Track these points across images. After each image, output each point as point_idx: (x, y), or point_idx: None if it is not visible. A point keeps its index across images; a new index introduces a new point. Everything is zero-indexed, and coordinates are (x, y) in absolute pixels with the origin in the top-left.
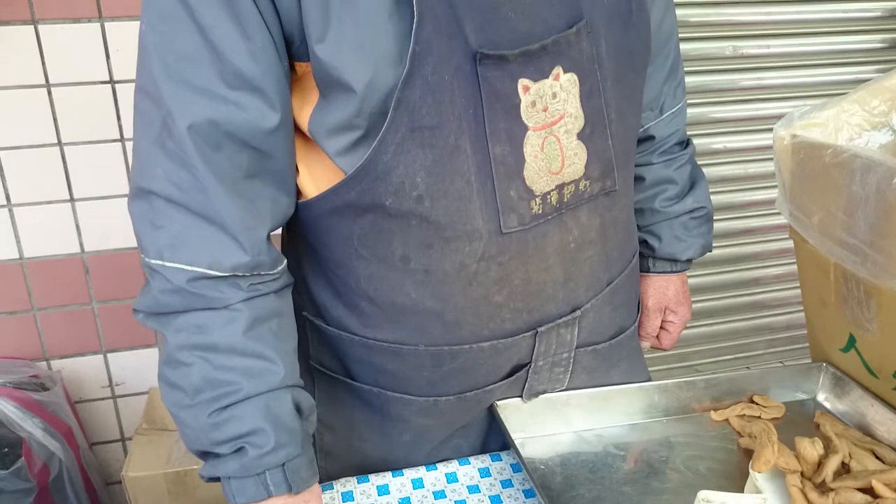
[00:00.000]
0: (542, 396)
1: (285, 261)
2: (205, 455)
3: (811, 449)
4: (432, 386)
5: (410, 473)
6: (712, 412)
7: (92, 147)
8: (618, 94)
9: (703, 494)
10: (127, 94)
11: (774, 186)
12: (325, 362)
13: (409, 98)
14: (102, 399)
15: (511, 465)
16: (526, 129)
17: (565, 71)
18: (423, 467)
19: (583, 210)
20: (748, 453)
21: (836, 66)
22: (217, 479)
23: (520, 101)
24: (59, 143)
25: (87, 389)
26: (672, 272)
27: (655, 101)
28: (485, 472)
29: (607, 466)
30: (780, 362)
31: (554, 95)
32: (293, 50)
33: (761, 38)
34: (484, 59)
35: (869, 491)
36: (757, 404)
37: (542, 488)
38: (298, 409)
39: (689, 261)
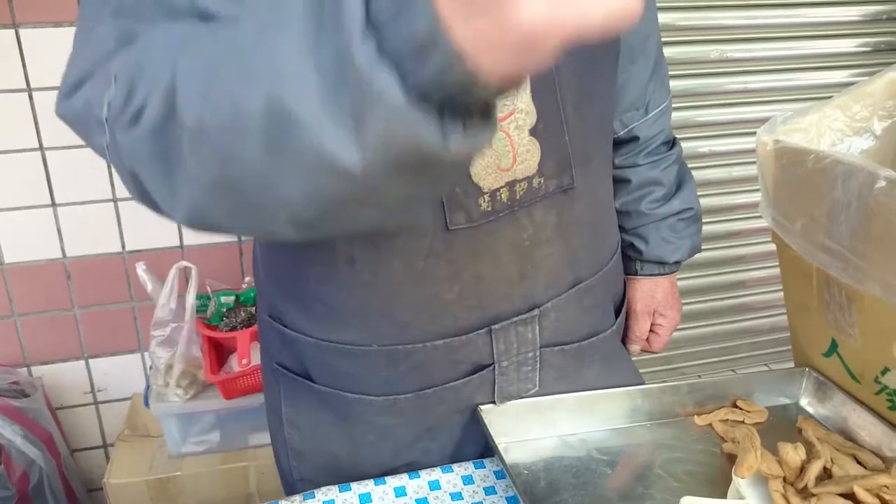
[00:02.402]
0: (525, 400)
1: None
2: (328, 30)
3: (794, 454)
4: (389, 385)
5: (393, 482)
6: (696, 417)
7: (73, 152)
8: (576, 89)
9: (686, 500)
10: None
11: (758, 189)
12: (287, 364)
13: None
14: (84, 405)
15: (494, 471)
16: None
17: None
18: (406, 475)
19: (538, 208)
20: (731, 458)
21: (820, 69)
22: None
23: None
24: (41, 148)
25: (69, 396)
26: (660, 275)
27: (640, 101)
28: (468, 480)
29: (591, 471)
30: (765, 365)
31: None
32: None
33: (746, 41)
34: None
35: (851, 496)
36: (740, 409)
37: (526, 494)
38: None
39: (677, 263)
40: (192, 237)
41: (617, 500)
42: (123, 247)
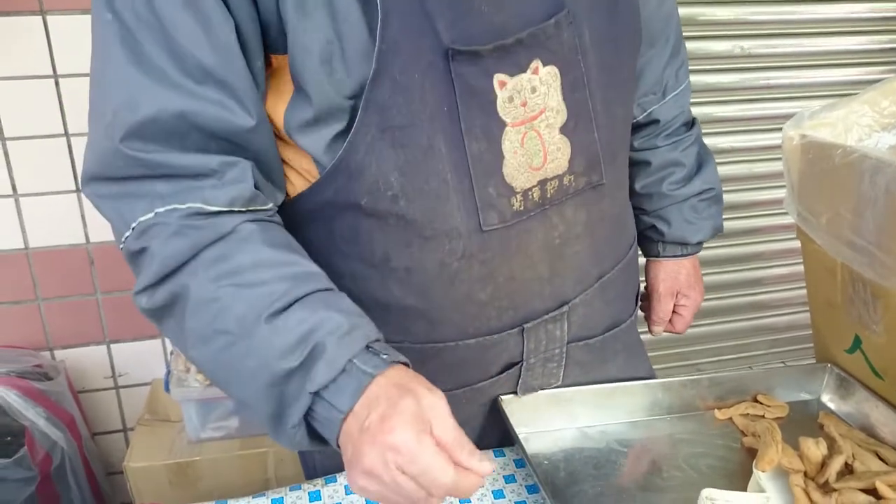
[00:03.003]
0: (545, 392)
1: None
2: (281, 409)
3: (815, 449)
4: None
5: None
6: (716, 411)
7: None
8: (603, 84)
9: (706, 493)
10: None
11: (779, 186)
12: None
13: (377, 98)
14: (105, 389)
15: (514, 460)
16: (504, 125)
17: (545, 64)
18: None
19: (568, 205)
20: (752, 452)
21: (844, 66)
22: (312, 439)
23: (496, 96)
24: (66, 134)
25: (90, 379)
26: (683, 255)
27: (658, 85)
28: None
29: (611, 463)
30: (782, 363)
31: (533, 90)
32: (269, 40)
33: (769, 37)
34: (456, 56)
35: (872, 492)
36: (761, 404)
37: (546, 484)
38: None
39: (699, 243)
40: None
41: (637, 492)
42: None
